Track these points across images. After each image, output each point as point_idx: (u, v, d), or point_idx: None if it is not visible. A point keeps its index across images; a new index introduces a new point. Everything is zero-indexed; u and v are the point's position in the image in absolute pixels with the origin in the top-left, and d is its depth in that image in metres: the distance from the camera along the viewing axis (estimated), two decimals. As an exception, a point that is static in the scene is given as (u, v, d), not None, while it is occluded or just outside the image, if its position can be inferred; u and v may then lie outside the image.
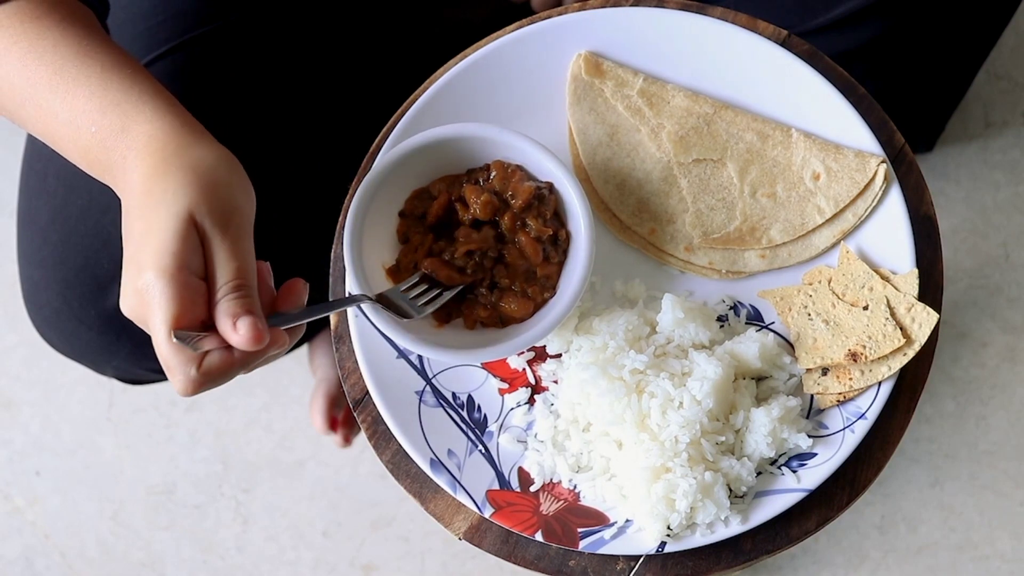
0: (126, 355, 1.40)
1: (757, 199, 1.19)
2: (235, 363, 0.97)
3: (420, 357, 1.17)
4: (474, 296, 1.15)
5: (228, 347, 0.96)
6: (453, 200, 1.16)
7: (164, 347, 0.95)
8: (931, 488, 1.89)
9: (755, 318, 1.18)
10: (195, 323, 0.95)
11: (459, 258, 1.14)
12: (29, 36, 1.07)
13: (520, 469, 1.14)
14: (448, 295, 1.13)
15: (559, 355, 1.17)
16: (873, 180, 1.16)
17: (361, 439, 1.92)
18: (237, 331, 0.94)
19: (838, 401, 1.13)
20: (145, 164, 1.01)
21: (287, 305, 1.03)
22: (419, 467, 1.14)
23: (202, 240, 0.97)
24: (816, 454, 1.12)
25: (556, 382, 1.16)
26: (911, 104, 1.63)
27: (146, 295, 0.95)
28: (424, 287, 1.13)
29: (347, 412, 1.89)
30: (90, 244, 1.33)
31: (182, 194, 0.97)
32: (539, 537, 1.11)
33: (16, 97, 1.09)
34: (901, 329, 1.12)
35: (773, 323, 1.17)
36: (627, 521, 1.12)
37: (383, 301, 1.10)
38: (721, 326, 1.17)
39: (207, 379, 0.97)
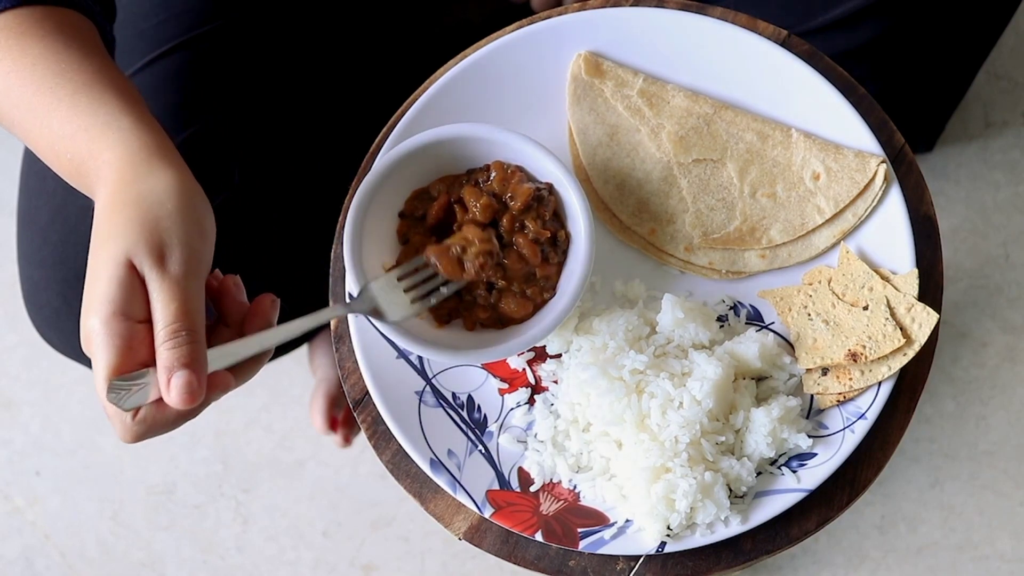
0: (126, 355, 1.40)
1: (757, 199, 1.19)
2: (172, 415, 0.95)
3: (420, 357, 1.17)
4: (473, 297, 1.15)
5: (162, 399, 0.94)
6: (453, 202, 1.16)
7: (101, 395, 0.94)
8: (931, 488, 1.89)
9: (755, 318, 1.18)
10: (136, 367, 0.94)
11: (469, 256, 1.14)
12: (12, 53, 1.07)
13: (520, 469, 1.14)
14: (445, 292, 1.12)
15: (559, 355, 1.17)
16: (873, 180, 1.16)
17: (361, 439, 1.92)
18: (170, 389, 0.92)
19: (838, 401, 1.13)
20: (101, 198, 1.00)
21: (254, 327, 1.01)
22: (419, 467, 1.14)
23: (143, 282, 0.95)
24: (816, 454, 1.12)
25: (556, 382, 1.16)
26: (911, 104, 1.63)
27: (89, 340, 0.94)
28: (423, 276, 1.12)
29: (347, 412, 1.89)
30: (90, 244, 1.32)
31: (121, 237, 0.95)
32: (539, 537, 1.11)
33: (7, 117, 1.09)
34: (901, 329, 1.12)
35: (773, 323, 1.17)
36: (627, 521, 1.12)
37: (366, 302, 1.08)
38: (721, 326, 1.17)
39: (145, 429, 0.95)
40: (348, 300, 1.11)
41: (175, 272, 0.95)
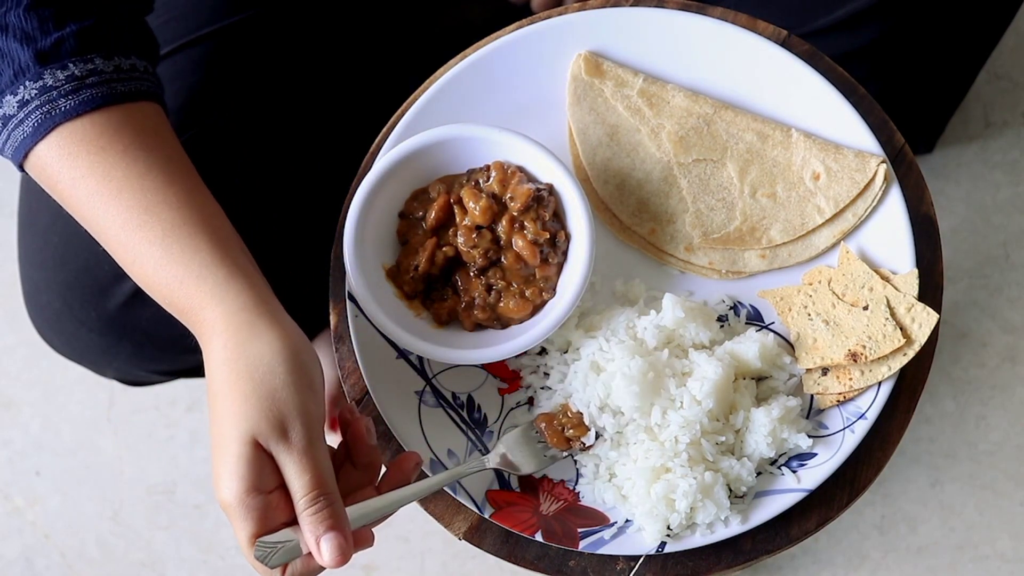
0: (127, 357, 1.40)
1: (757, 199, 1.19)
2: (319, 569, 1.00)
3: (420, 357, 1.17)
4: (472, 298, 1.15)
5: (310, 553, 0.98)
6: (452, 202, 1.16)
7: (249, 558, 0.99)
8: (931, 488, 1.89)
9: (755, 318, 1.18)
10: (276, 528, 0.98)
11: (464, 235, 1.14)
12: (96, 173, 1.07)
13: (520, 469, 1.14)
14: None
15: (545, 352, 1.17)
16: (873, 180, 1.16)
17: (361, 439, 1.92)
18: (321, 552, 0.97)
19: (838, 401, 1.13)
20: (211, 361, 1.02)
21: (393, 482, 1.05)
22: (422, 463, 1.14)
23: (271, 456, 0.99)
24: (816, 454, 1.12)
25: (547, 374, 1.16)
26: (911, 106, 1.63)
27: (227, 512, 0.98)
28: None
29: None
30: (91, 246, 1.32)
31: (243, 417, 0.98)
32: (539, 537, 1.11)
33: (91, 230, 1.10)
34: (901, 329, 1.12)
35: (773, 323, 1.17)
36: (627, 521, 1.12)
37: (503, 460, 1.12)
38: (721, 326, 1.17)
39: None
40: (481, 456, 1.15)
41: (300, 443, 0.98)
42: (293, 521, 0.99)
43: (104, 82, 1.09)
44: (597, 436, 1.12)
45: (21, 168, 1.12)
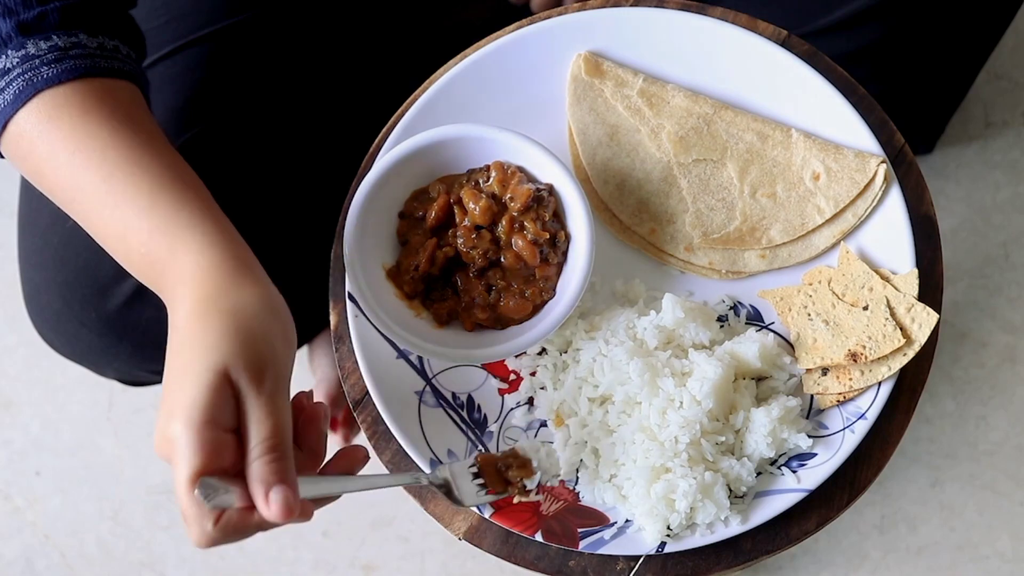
0: (127, 357, 1.40)
1: (757, 199, 1.19)
2: (254, 524, 0.96)
3: (420, 357, 1.17)
4: (472, 298, 1.15)
5: (249, 506, 0.95)
6: (452, 202, 1.16)
7: (184, 498, 0.94)
8: (931, 488, 1.89)
9: (755, 318, 1.18)
10: (219, 473, 0.94)
11: (463, 236, 1.14)
12: (78, 135, 1.05)
13: (520, 469, 1.14)
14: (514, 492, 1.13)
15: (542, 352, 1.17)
16: (873, 180, 1.17)
17: (361, 439, 1.92)
18: (269, 502, 0.93)
19: (838, 401, 1.13)
20: (187, 303, 0.99)
21: (338, 468, 1.02)
22: (419, 467, 1.14)
23: (236, 395, 0.95)
24: (816, 454, 1.12)
25: (533, 374, 1.16)
26: (911, 106, 1.63)
27: (173, 444, 0.94)
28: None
29: (347, 412, 1.89)
30: (91, 246, 1.32)
31: (217, 347, 0.95)
32: (539, 537, 1.11)
33: (66, 197, 1.08)
34: (901, 329, 1.12)
35: (773, 323, 1.17)
36: (627, 521, 1.12)
37: (444, 485, 1.09)
38: (721, 326, 1.17)
39: (223, 535, 0.96)
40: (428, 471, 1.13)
41: (270, 390, 0.95)
42: (235, 471, 0.94)
43: (87, 56, 1.08)
44: (540, 478, 1.11)
45: None
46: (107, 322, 1.36)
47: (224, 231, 1.04)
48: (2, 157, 1.12)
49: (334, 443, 1.95)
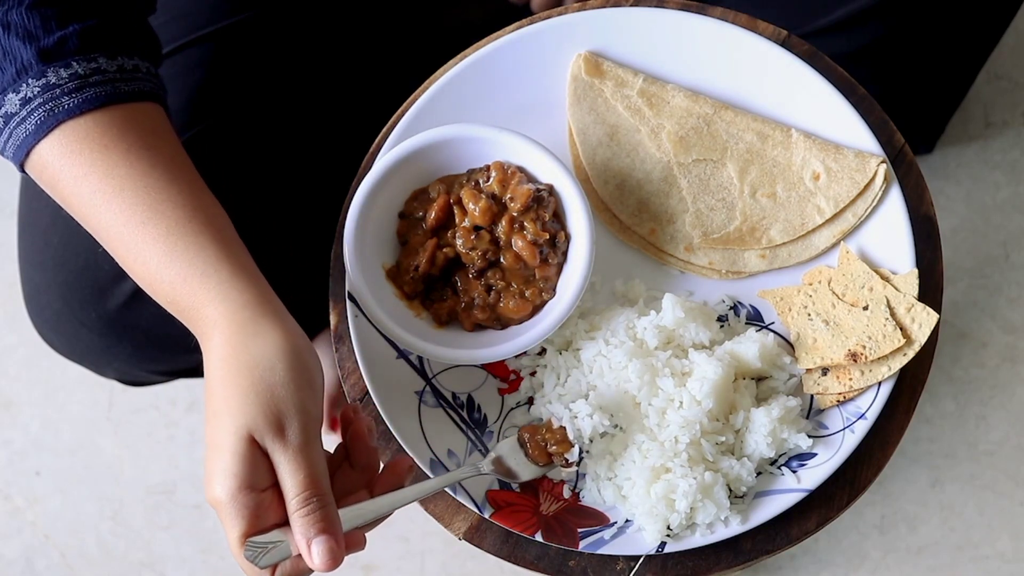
0: (127, 357, 1.40)
1: (757, 199, 1.19)
2: (306, 570, 0.99)
3: (420, 357, 1.17)
4: (472, 298, 1.15)
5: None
6: (452, 202, 1.16)
7: (238, 560, 0.98)
8: (931, 488, 1.88)
9: (755, 318, 1.18)
10: (267, 529, 0.97)
11: (462, 236, 1.14)
12: (97, 171, 1.06)
13: (520, 469, 1.14)
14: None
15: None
16: (873, 180, 1.16)
17: (361, 439, 1.92)
18: (312, 555, 0.96)
19: (838, 401, 1.13)
20: (212, 360, 1.01)
21: (385, 486, 1.04)
22: (419, 467, 1.14)
23: (265, 454, 0.98)
24: (816, 454, 1.12)
25: (533, 374, 1.16)
26: (911, 106, 1.63)
27: (218, 508, 0.97)
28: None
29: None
30: (91, 246, 1.32)
31: (241, 411, 0.97)
32: (539, 537, 1.11)
33: (92, 229, 1.09)
34: (901, 329, 1.12)
35: (773, 323, 1.17)
36: (627, 521, 1.12)
37: (497, 465, 1.11)
38: (721, 326, 1.17)
39: None
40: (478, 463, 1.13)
41: (296, 442, 0.98)
42: (285, 522, 0.98)
43: (108, 81, 1.08)
44: (581, 452, 1.12)
45: (22, 169, 1.11)
46: (107, 322, 1.36)
47: (241, 273, 1.04)
48: (25, 173, 1.13)
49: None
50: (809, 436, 1.12)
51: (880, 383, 1.12)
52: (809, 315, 1.15)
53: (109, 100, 1.08)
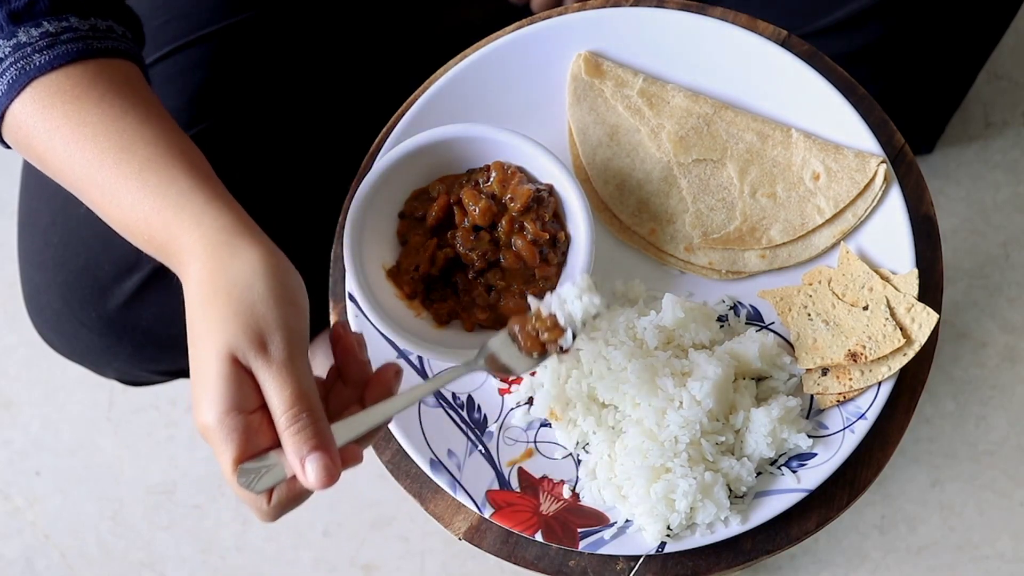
0: (127, 357, 1.40)
1: (757, 199, 1.19)
2: (306, 492, 0.96)
3: (420, 357, 1.17)
4: (472, 298, 1.15)
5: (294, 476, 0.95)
6: (452, 202, 1.16)
7: (233, 486, 0.95)
8: (931, 488, 1.89)
9: (755, 318, 1.18)
10: (260, 452, 0.94)
11: (462, 237, 1.14)
12: (71, 121, 1.05)
13: (520, 469, 1.14)
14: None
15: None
16: (873, 180, 1.17)
17: (361, 439, 1.92)
18: (307, 474, 0.92)
19: (838, 401, 1.13)
20: (191, 286, 0.99)
21: (375, 396, 1.00)
22: (419, 467, 1.14)
23: (250, 373, 0.95)
24: (816, 454, 1.12)
25: (533, 374, 1.16)
26: (911, 106, 1.63)
27: (207, 436, 0.95)
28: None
29: (347, 412, 1.89)
30: (91, 246, 1.33)
31: (220, 332, 0.94)
32: (539, 537, 1.11)
33: (71, 185, 1.08)
34: (901, 329, 1.12)
35: (773, 323, 1.17)
36: (627, 521, 1.12)
37: (491, 363, 1.07)
38: (721, 326, 1.17)
39: (282, 509, 0.97)
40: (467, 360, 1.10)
41: (280, 357, 0.94)
42: (277, 444, 0.94)
43: (80, 38, 1.07)
44: (574, 336, 1.07)
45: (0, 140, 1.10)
46: (107, 322, 1.36)
47: (216, 199, 1.03)
48: (7, 146, 1.12)
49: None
50: (809, 436, 1.12)
51: (880, 383, 1.12)
52: (809, 315, 1.15)
53: (81, 56, 1.07)
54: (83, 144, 1.05)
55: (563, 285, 1.09)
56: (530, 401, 1.17)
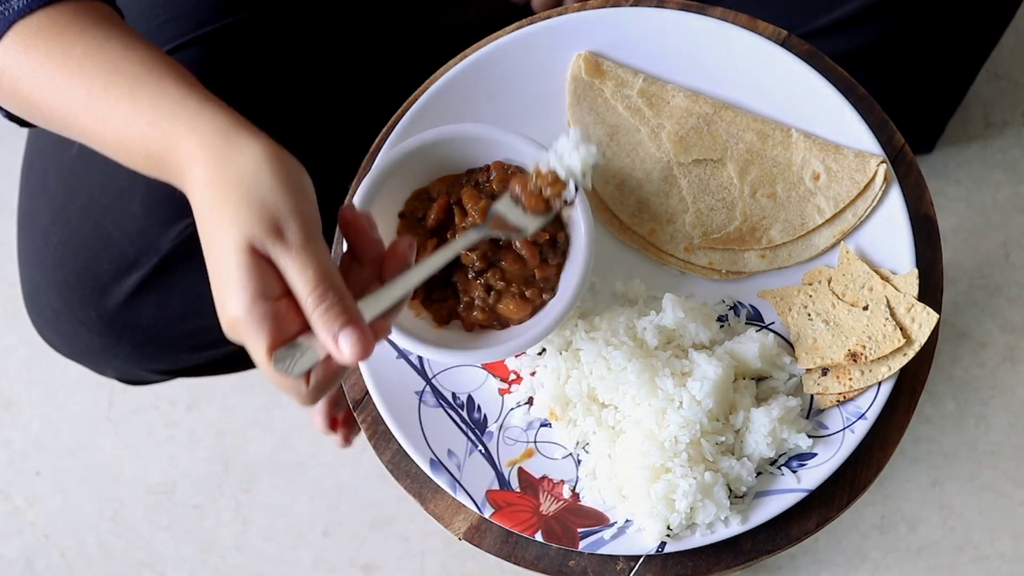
0: (126, 356, 1.40)
1: (757, 199, 1.19)
2: (340, 369, 0.96)
3: (420, 357, 1.17)
4: (471, 298, 1.15)
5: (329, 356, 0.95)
6: (453, 203, 1.16)
7: (269, 375, 0.95)
8: (931, 488, 1.89)
9: (755, 318, 1.18)
10: (290, 338, 0.94)
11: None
12: (55, 57, 1.06)
13: (520, 469, 1.14)
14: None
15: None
16: (873, 180, 1.17)
17: (361, 439, 1.92)
18: (341, 349, 0.92)
19: (838, 401, 1.13)
20: (197, 189, 0.99)
21: (393, 270, 1.00)
22: (419, 467, 1.14)
23: (270, 261, 0.95)
24: (816, 454, 1.12)
25: (533, 374, 1.16)
26: (911, 106, 1.63)
27: (236, 330, 0.95)
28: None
29: (347, 412, 1.89)
30: (91, 245, 1.33)
31: (234, 224, 0.95)
32: (539, 537, 1.11)
33: (60, 122, 1.08)
34: (901, 329, 1.12)
35: (773, 323, 1.17)
36: (627, 521, 1.12)
37: (499, 224, 1.07)
38: (721, 326, 1.17)
39: (320, 391, 0.97)
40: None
41: (297, 241, 0.95)
42: (306, 328, 0.94)
43: None
44: (576, 190, 1.07)
45: None
46: (107, 321, 1.36)
47: (208, 103, 1.03)
48: (6, 114, 1.12)
49: (334, 443, 1.95)
50: (809, 436, 1.12)
51: (880, 383, 1.12)
52: (809, 315, 1.15)
53: None
54: (70, 75, 1.05)
55: (558, 140, 1.08)
56: (530, 401, 1.17)
